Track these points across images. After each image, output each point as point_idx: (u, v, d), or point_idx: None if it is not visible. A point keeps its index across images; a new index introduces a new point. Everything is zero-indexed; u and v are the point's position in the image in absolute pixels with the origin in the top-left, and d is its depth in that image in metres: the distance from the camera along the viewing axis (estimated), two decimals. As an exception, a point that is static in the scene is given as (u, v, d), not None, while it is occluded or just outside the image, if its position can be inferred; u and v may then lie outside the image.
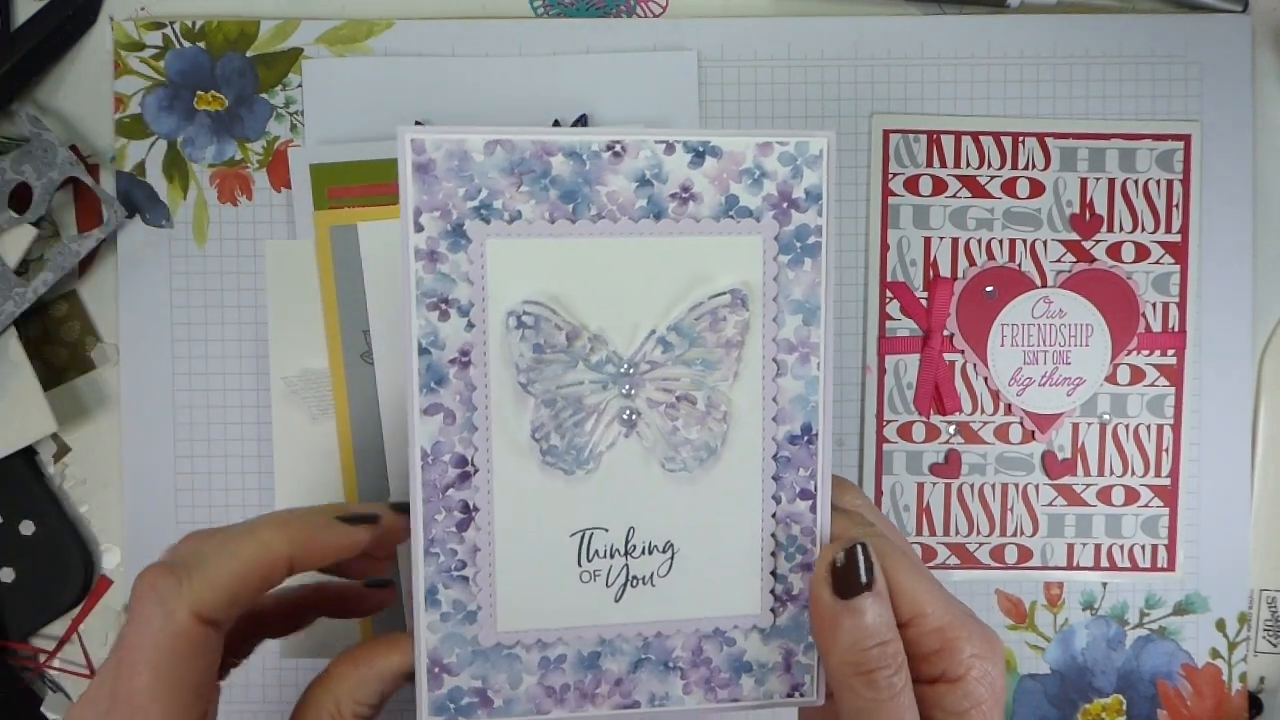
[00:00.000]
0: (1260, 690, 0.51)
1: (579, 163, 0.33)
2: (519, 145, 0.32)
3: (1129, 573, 0.50)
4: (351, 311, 0.46)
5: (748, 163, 0.33)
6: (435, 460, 0.33)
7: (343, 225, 0.46)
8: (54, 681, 0.51)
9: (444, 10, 0.50)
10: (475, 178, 0.32)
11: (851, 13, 0.50)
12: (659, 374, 0.34)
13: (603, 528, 0.34)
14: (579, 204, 0.33)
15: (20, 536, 0.49)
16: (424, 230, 0.33)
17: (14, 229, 0.48)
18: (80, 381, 0.50)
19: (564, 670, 0.34)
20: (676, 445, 0.34)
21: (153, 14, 0.50)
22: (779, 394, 0.34)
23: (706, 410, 0.34)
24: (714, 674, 0.35)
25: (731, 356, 0.34)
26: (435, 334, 0.33)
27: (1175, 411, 0.50)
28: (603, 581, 0.34)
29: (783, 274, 0.34)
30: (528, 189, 0.33)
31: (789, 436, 0.34)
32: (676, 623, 0.35)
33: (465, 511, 0.33)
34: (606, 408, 0.34)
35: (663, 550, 0.34)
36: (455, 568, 0.34)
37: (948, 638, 0.33)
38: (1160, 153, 0.50)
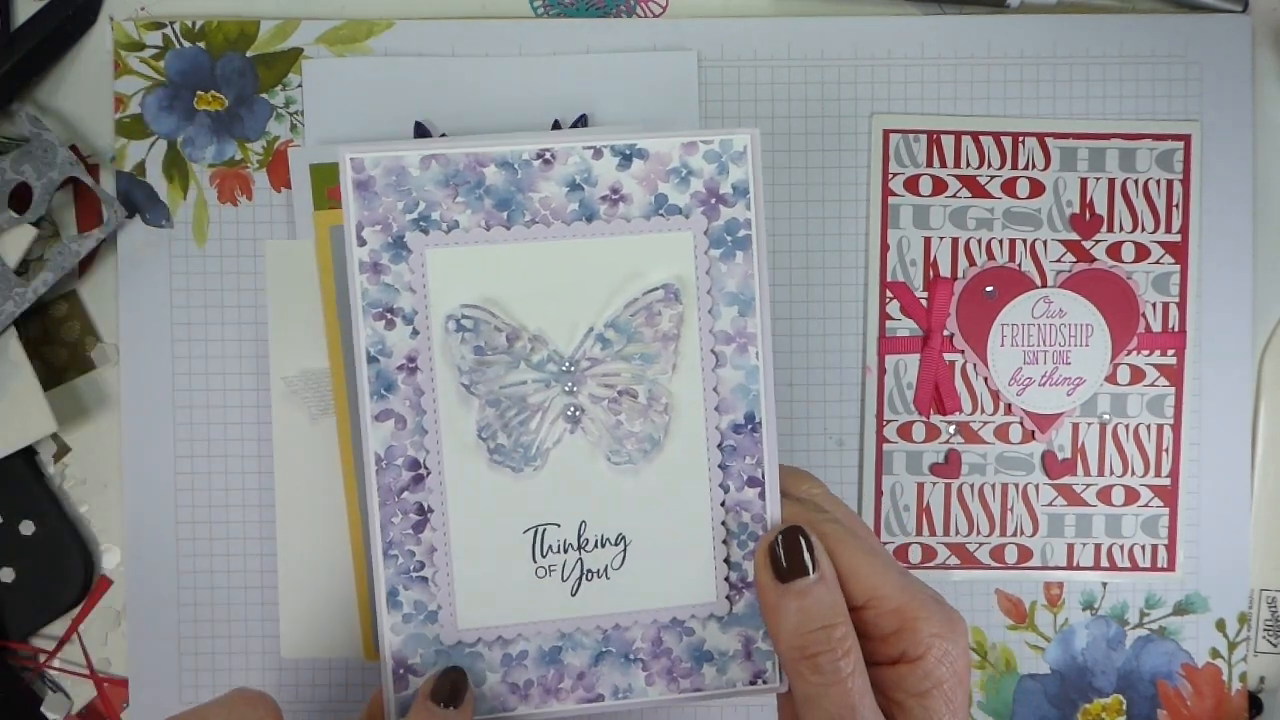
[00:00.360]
0: (1260, 690, 0.51)
1: (511, 172, 0.34)
2: (453, 159, 0.34)
3: (1129, 573, 0.50)
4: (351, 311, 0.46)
5: (674, 162, 0.35)
6: (389, 464, 0.34)
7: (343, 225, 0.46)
8: (54, 681, 0.51)
9: (444, 10, 0.50)
10: (413, 191, 0.34)
11: (851, 13, 0.50)
12: (599, 370, 0.35)
13: (554, 523, 0.35)
14: (513, 211, 0.34)
15: (20, 536, 0.49)
16: (366, 244, 0.34)
17: (14, 229, 0.48)
18: (80, 381, 0.50)
19: (526, 666, 0.35)
20: (621, 439, 0.35)
21: (153, 14, 0.50)
22: (719, 384, 0.35)
23: (648, 403, 0.35)
24: (675, 664, 0.36)
25: (669, 349, 0.35)
26: (383, 342, 0.34)
27: (1175, 411, 0.50)
28: (558, 576, 0.35)
29: (715, 267, 0.35)
30: (463, 199, 0.34)
31: (733, 425, 0.35)
32: (634, 614, 0.35)
33: (420, 513, 0.35)
34: (550, 405, 0.35)
35: (615, 543, 0.35)
36: (414, 569, 0.35)
37: (905, 618, 0.33)
38: (1160, 153, 0.50)
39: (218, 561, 0.49)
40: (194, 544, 0.50)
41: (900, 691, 0.34)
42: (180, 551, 0.50)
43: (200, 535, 0.50)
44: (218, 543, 0.50)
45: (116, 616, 0.50)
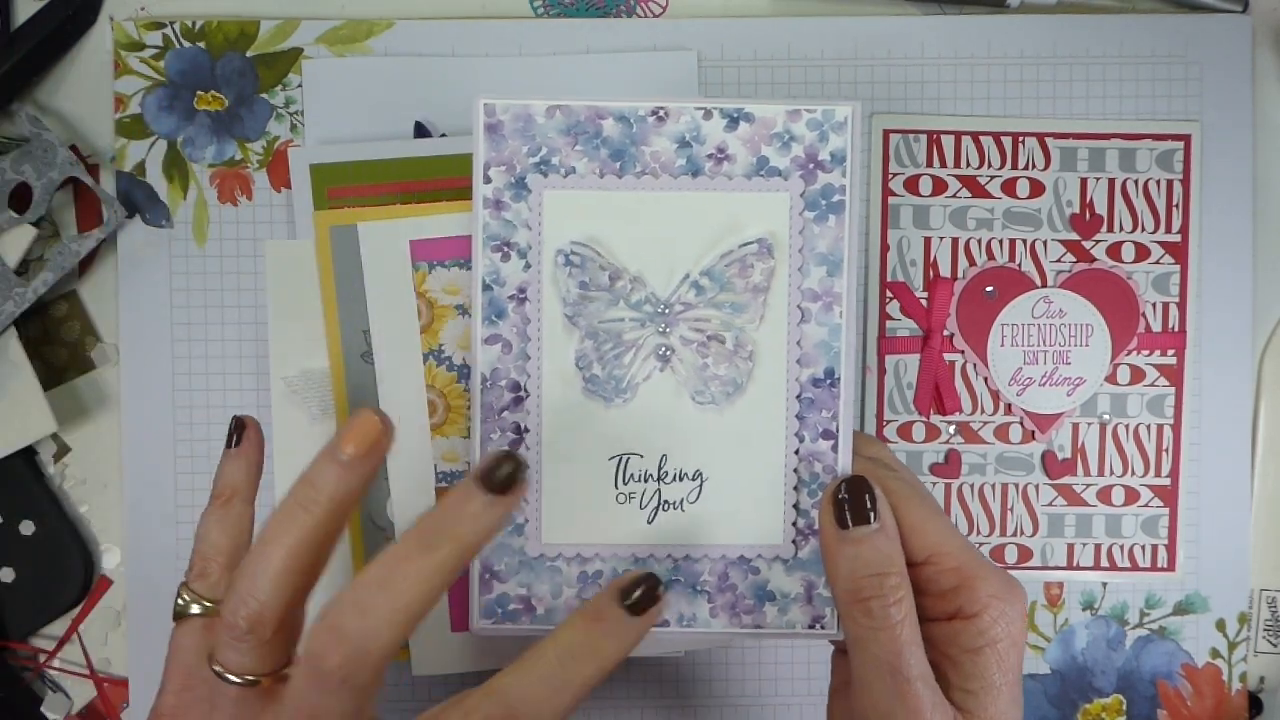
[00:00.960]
0: (1260, 690, 0.51)
1: (626, 126, 0.37)
2: (575, 110, 0.37)
3: (1129, 573, 0.50)
4: (351, 311, 0.46)
5: (778, 127, 0.37)
6: (493, 385, 0.38)
7: (343, 225, 0.46)
8: (54, 681, 0.51)
9: (444, 10, 0.50)
10: (537, 137, 0.37)
11: (851, 13, 0.50)
12: (692, 314, 0.37)
13: (638, 453, 0.37)
14: (625, 162, 0.37)
15: (20, 536, 0.49)
16: (491, 182, 0.37)
17: (14, 229, 0.48)
18: (80, 381, 0.50)
19: (600, 585, 0.37)
20: (706, 380, 0.37)
21: (153, 14, 0.50)
22: (803, 339, 0.37)
23: (734, 349, 0.37)
24: (739, 600, 0.38)
25: (758, 301, 0.37)
26: (498, 273, 0.37)
27: (1175, 411, 0.50)
28: (637, 503, 0.37)
29: (808, 228, 0.37)
30: (581, 148, 0.37)
31: (812, 379, 0.37)
32: (704, 548, 0.37)
33: (517, 432, 0.37)
34: (644, 343, 0.37)
35: (692, 478, 0.37)
36: None
37: (965, 575, 0.34)
38: (1160, 153, 0.50)
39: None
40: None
41: (954, 647, 0.34)
42: (180, 551, 0.50)
43: (200, 535, 0.50)
44: (218, 543, 0.50)
45: (116, 616, 0.50)
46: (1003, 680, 0.34)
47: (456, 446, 0.45)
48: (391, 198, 0.48)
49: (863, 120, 0.37)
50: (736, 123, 0.37)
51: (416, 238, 0.45)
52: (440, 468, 0.45)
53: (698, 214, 0.37)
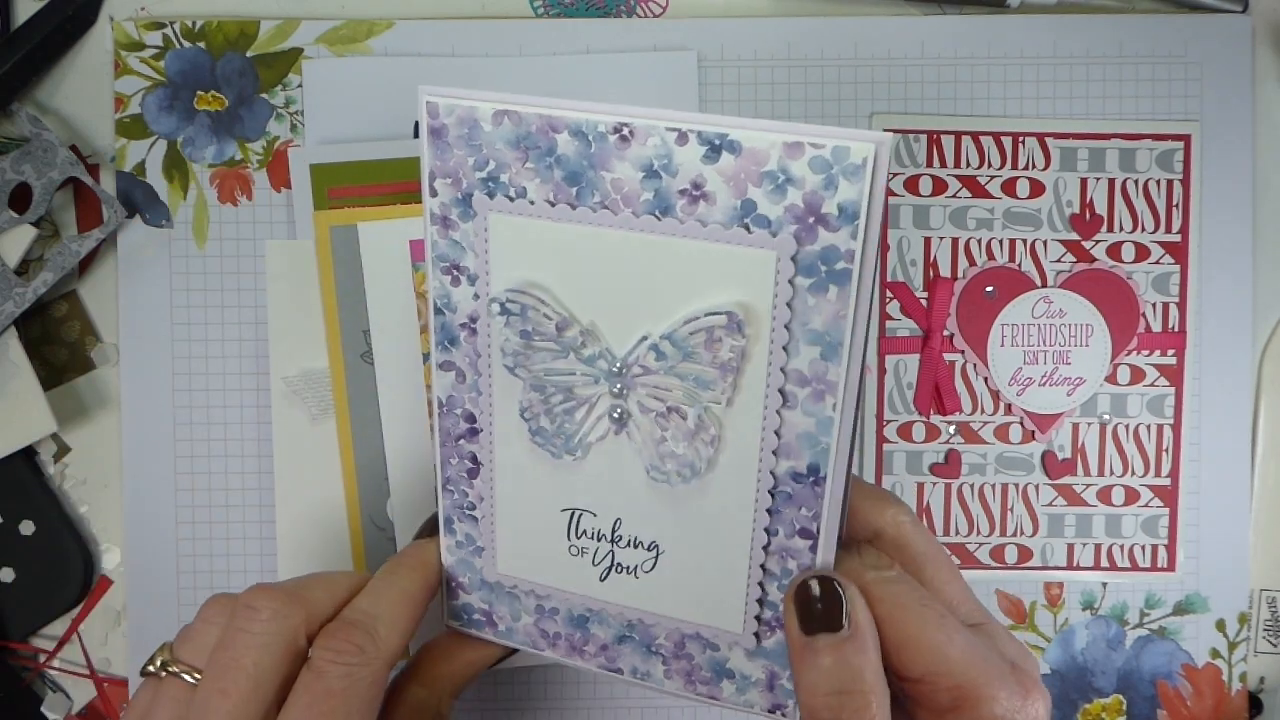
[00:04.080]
0: (1260, 690, 0.51)
1: (584, 143, 0.30)
2: (526, 118, 0.30)
3: (1129, 573, 0.50)
4: (351, 311, 0.46)
5: (771, 164, 0.28)
6: (449, 412, 0.34)
7: (343, 225, 0.46)
8: (54, 681, 0.51)
9: (444, 10, 0.50)
10: (484, 148, 0.31)
11: (851, 13, 0.50)
12: (650, 380, 0.32)
13: (590, 511, 0.34)
14: (582, 188, 0.30)
15: (20, 536, 0.49)
16: (438, 195, 0.32)
17: (14, 229, 0.48)
18: (80, 381, 0.50)
19: (557, 620, 0.36)
20: (663, 456, 0.32)
21: (153, 14, 0.50)
22: (783, 427, 0.31)
23: (695, 429, 0.31)
24: (695, 670, 0.34)
25: (726, 380, 0.31)
26: (448, 297, 0.33)
27: (1175, 411, 0.50)
28: (589, 559, 0.34)
29: (800, 299, 0.29)
30: (533, 165, 0.31)
31: (791, 473, 0.31)
32: (659, 616, 0.34)
33: (474, 462, 0.35)
34: (598, 401, 0.32)
35: (648, 548, 0.33)
36: (467, 507, 0.35)
37: (965, 695, 0.30)
38: (1160, 153, 0.50)
39: (218, 561, 0.49)
40: (194, 544, 0.50)
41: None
42: (180, 551, 0.50)
43: (200, 535, 0.50)
44: (218, 543, 0.50)
45: (116, 616, 0.50)
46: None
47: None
48: (391, 198, 0.48)
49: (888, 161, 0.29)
50: (718, 152, 0.29)
51: (416, 238, 0.45)
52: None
53: (663, 265, 0.30)
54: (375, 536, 0.47)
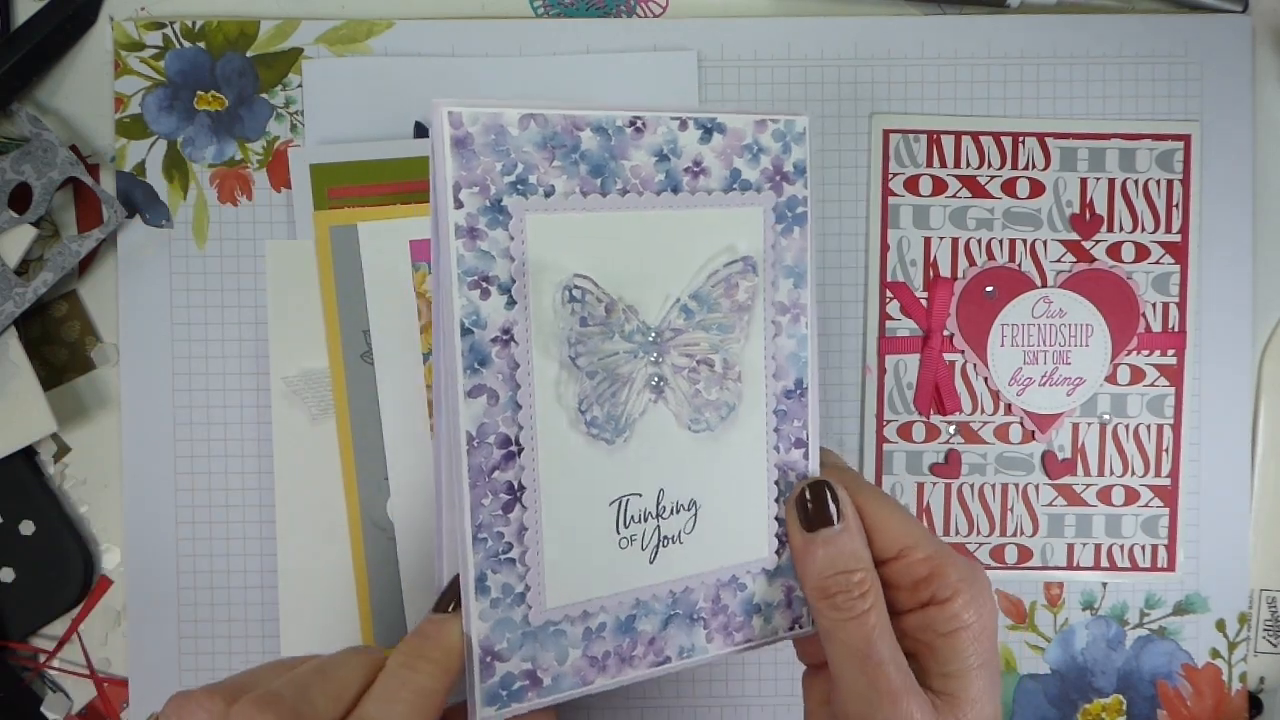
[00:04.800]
0: (1260, 690, 0.51)
1: (605, 138, 0.34)
2: (551, 120, 0.33)
3: (1129, 573, 0.50)
4: (351, 311, 0.46)
5: (748, 138, 0.36)
6: (481, 443, 0.33)
7: (343, 225, 0.46)
8: (54, 681, 0.51)
9: (444, 10, 0.50)
10: (511, 152, 0.32)
11: (851, 13, 0.50)
12: (681, 340, 0.36)
13: (637, 493, 0.35)
14: (606, 178, 0.34)
15: (20, 536, 0.49)
16: (463, 207, 0.32)
17: (14, 229, 0.48)
18: (80, 381, 0.50)
19: (605, 638, 0.35)
20: (699, 407, 0.36)
21: (153, 14, 0.50)
22: (777, 352, 0.37)
23: (723, 371, 0.36)
24: (730, 619, 0.37)
25: (743, 320, 0.36)
26: (477, 313, 0.32)
27: (1175, 411, 0.50)
28: (638, 545, 0.36)
29: (777, 241, 0.37)
30: (560, 163, 0.33)
31: (784, 391, 0.37)
32: (700, 575, 0.37)
33: (510, 492, 0.33)
34: (637, 376, 0.35)
35: (688, 508, 0.36)
36: (502, 551, 0.34)
37: (935, 564, 0.36)
38: (1160, 153, 0.50)
39: (218, 561, 0.49)
40: (194, 544, 0.50)
41: (929, 633, 0.35)
42: (180, 551, 0.50)
43: (200, 535, 0.50)
44: (218, 543, 0.50)
45: (116, 616, 0.50)
46: (978, 661, 0.35)
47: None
48: (391, 198, 0.48)
49: (813, 130, 0.37)
50: (710, 134, 0.35)
51: (416, 238, 0.45)
52: (440, 468, 0.45)
53: (681, 233, 0.35)
54: (375, 536, 0.47)
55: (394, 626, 0.47)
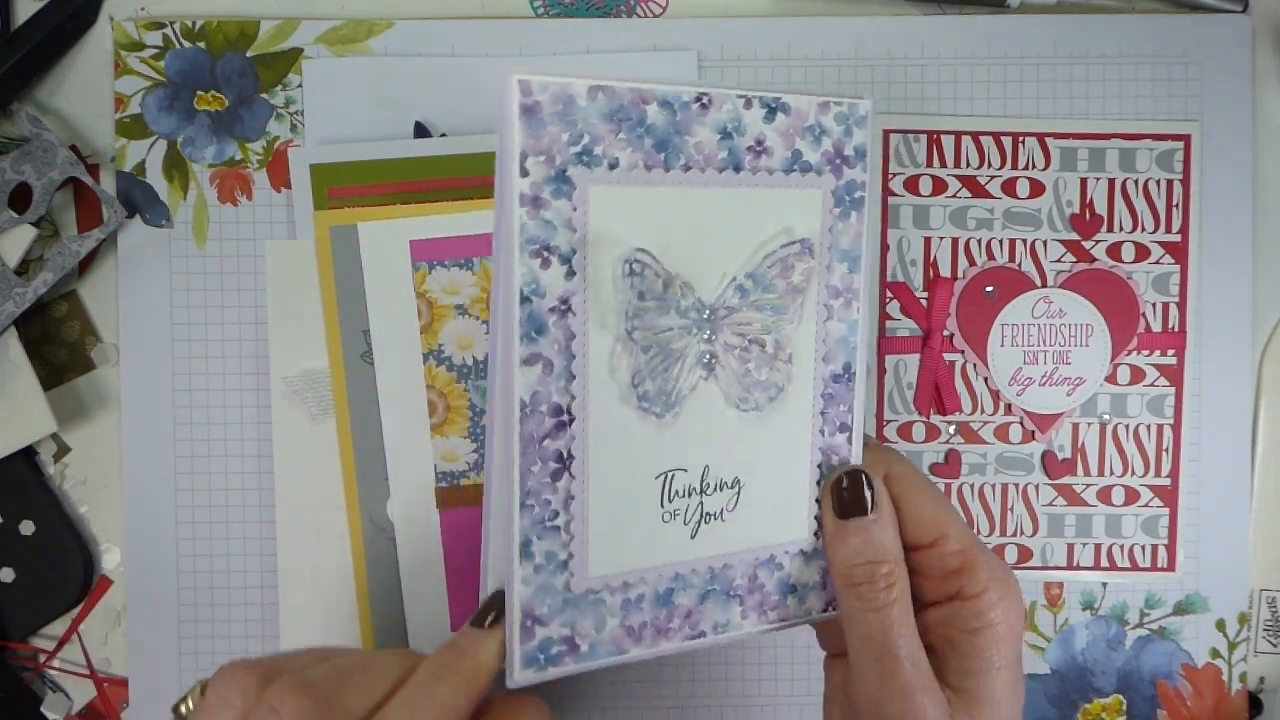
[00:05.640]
0: (1260, 690, 0.51)
1: (670, 113, 0.34)
2: (619, 92, 0.33)
3: (1129, 573, 0.50)
4: (351, 311, 0.46)
5: (810, 119, 0.36)
6: (533, 411, 0.33)
7: (343, 225, 0.46)
8: (54, 681, 0.51)
9: (444, 10, 0.50)
10: (579, 123, 0.32)
11: (851, 13, 0.50)
12: (735, 319, 0.36)
13: (683, 468, 0.36)
14: (669, 154, 0.34)
15: (20, 536, 0.49)
16: (529, 175, 0.32)
17: (14, 229, 0.48)
18: (80, 381, 0.50)
19: (643, 609, 0.36)
20: (749, 386, 0.36)
21: (153, 14, 0.50)
22: (828, 336, 0.37)
23: (774, 352, 0.36)
24: (766, 598, 0.38)
25: (796, 302, 0.36)
26: (536, 282, 0.33)
27: (1175, 411, 0.50)
28: (681, 520, 0.36)
29: (834, 225, 0.37)
30: (625, 136, 0.33)
31: (833, 375, 0.38)
32: (739, 553, 0.37)
33: (559, 461, 0.34)
34: (689, 352, 0.35)
35: (731, 486, 0.37)
36: (549, 518, 0.34)
37: (967, 559, 0.36)
38: (1160, 153, 0.50)
39: (218, 561, 0.49)
40: (194, 544, 0.50)
41: (952, 627, 0.36)
42: (180, 551, 0.50)
43: (200, 535, 0.50)
44: (218, 543, 0.50)
45: (116, 616, 0.50)
46: (1000, 663, 0.35)
47: (456, 447, 0.45)
48: (391, 198, 0.48)
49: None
50: (774, 114, 0.35)
51: (416, 238, 0.45)
52: (440, 467, 0.45)
53: (740, 212, 0.35)
54: (375, 536, 0.47)
55: (394, 627, 0.47)
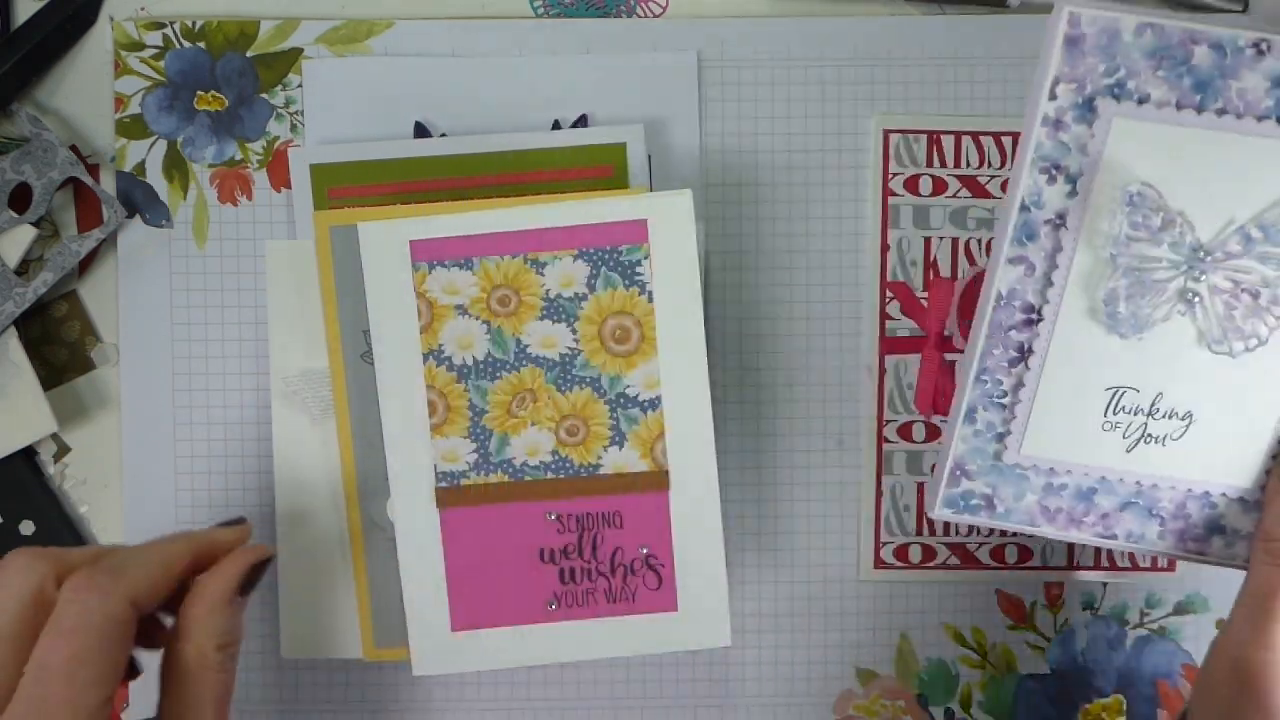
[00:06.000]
0: (1260, 690, 0.51)
1: (1220, 56, 0.35)
2: (1169, 31, 0.35)
3: (1129, 573, 0.50)
4: (352, 311, 0.46)
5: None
6: (1007, 304, 0.38)
7: (343, 225, 0.46)
8: (54, 681, 0.51)
9: (444, 10, 0.50)
10: (1118, 56, 0.35)
11: (851, 13, 0.50)
12: (1232, 264, 0.37)
13: (1135, 388, 0.38)
14: (1207, 95, 0.35)
15: (20, 537, 0.49)
16: (1056, 99, 0.36)
17: (14, 229, 0.48)
18: (80, 381, 0.50)
19: (1062, 496, 0.40)
20: (1228, 331, 0.37)
21: (153, 14, 0.50)
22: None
23: (1268, 306, 0.37)
24: (1190, 529, 0.40)
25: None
26: (1039, 195, 0.37)
27: (1175, 411, 0.50)
28: (1121, 433, 0.39)
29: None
30: (1164, 74, 0.35)
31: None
32: (1173, 480, 0.39)
33: (1019, 351, 0.39)
34: (1171, 285, 0.37)
35: (1182, 418, 0.39)
36: (998, 395, 0.39)
37: None
38: (1161, 152, 0.50)
39: (218, 561, 0.49)
40: (194, 544, 0.50)
41: None
42: (180, 551, 0.49)
43: (200, 535, 0.50)
44: (218, 543, 0.50)
45: (116, 616, 0.50)
46: None
47: (456, 446, 0.45)
48: (391, 198, 0.48)
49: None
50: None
51: (416, 238, 0.45)
52: (440, 467, 0.45)
53: (1269, 162, 0.36)
54: (375, 536, 0.47)
55: (394, 627, 0.47)
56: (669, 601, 0.45)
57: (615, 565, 0.45)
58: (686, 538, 0.45)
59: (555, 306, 0.44)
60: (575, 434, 0.45)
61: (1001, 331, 0.38)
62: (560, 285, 0.44)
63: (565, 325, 0.44)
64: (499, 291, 0.45)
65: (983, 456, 0.40)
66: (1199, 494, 0.39)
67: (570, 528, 0.45)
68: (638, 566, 0.45)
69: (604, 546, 0.45)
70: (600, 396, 0.44)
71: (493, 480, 0.45)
